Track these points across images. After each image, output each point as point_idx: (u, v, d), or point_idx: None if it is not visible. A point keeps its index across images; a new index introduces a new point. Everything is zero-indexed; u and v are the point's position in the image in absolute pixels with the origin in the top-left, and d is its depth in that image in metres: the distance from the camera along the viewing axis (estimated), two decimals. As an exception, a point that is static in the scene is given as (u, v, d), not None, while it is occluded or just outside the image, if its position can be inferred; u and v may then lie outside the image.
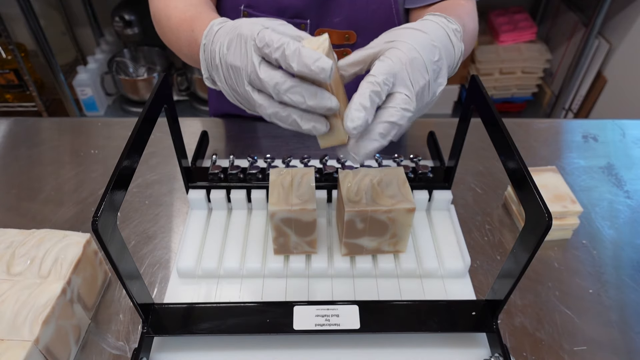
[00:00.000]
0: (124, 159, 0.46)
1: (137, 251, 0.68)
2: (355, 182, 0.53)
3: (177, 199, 0.77)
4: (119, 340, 0.58)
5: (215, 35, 0.49)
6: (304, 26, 0.72)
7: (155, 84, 0.54)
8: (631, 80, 1.72)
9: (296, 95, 0.41)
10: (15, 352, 0.48)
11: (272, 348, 0.56)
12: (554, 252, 0.69)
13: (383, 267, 0.63)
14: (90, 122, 0.94)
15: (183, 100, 2.13)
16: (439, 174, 0.70)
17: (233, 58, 0.45)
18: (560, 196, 0.70)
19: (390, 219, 0.57)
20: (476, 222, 0.73)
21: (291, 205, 0.57)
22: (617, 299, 0.63)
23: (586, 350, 0.57)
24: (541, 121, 0.94)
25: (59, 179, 0.80)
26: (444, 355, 0.56)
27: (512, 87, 2.07)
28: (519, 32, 1.98)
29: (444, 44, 0.48)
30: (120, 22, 1.92)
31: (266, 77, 0.42)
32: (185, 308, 0.56)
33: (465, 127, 0.62)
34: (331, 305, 0.56)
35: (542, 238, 0.42)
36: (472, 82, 0.57)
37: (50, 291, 0.53)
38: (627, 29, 1.72)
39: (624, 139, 0.90)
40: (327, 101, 0.42)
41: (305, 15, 0.71)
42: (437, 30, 0.49)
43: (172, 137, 0.63)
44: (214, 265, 0.63)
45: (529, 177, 0.44)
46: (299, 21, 0.72)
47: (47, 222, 0.73)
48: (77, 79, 2.00)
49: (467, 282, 0.64)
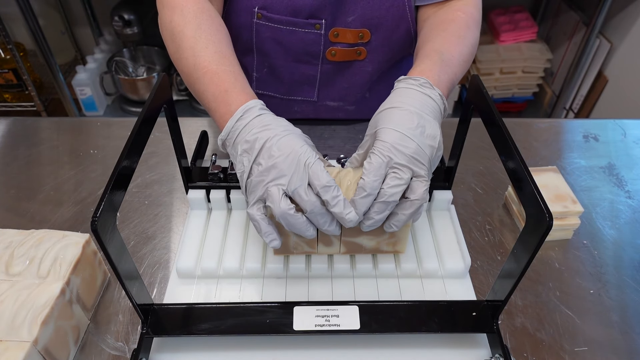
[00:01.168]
0: (124, 158, 0.45)
1: (136, 251, 0.68)
2: (354, 180, 0.53)
3: (177, 199, 0.77)
4: (118, 341, 0.58)
5: (252, 124, 0.53)
6: (319, 26, 0.73)
7: (155, 84, 0.54)
8: (632, 79, 1.71)
9: (319, 217, 0.51)
10: (13, 352, 0.48)
11: (272, 349, 0.56)
12: (554, 253, 0.69)
13: (383, 268, 0.62)
14: (90, 122, 0.94)
15: (183, 100, 2.12)
16: (439, 174, 0.70)
17: (282, 162, 0.50)
18: (561, 196, 0.70)
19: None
20: (476, 222, 0.73)
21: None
22: (618, 300, 0.63)
23: (587, 351, 0.57)
24: (542, 121, 0.94)
25: (58, 179, 0.80)
26: (444, 355, 0.56)
27: (513, 87, 2.06)
28: (520, 31, 1.97)
29: (421, 107, 0.53)
30: (120, 21, 1.91)
31: (308, 199, 0.49)
32: (185, 308, 0.56)
33: (466, 127, 0.62)
34: (331, 305, 0.56)
35: (543, 238, 0.41)
36: (472, 82, 0.57)
37: (49, 291, 0.53)
38: (628, 28, 1.72)
39: (625, 139, 0.90)
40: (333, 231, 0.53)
41: (319, 15, 0.72)
42: (412, 99, 0.54)
43: (172, 137, 0.63)
44: (214, 265, 0.63)
45: (529, 177, 0.44)
46: (313, 21, 0.72)
47: (46, 222, 0.72)
48: (76, 79, 2.00)
49: (468, 282, 0.64)
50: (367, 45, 0.76)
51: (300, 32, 0.74)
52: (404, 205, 0.51)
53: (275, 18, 0.72)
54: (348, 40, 0.75)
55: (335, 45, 0.76)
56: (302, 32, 0.74)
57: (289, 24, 0.73)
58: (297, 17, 0.72)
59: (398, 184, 0.49)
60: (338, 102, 0.85)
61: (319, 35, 0.74)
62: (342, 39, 0.75)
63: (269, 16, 0.72)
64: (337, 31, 0.74)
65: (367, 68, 0.80)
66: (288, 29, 0.73)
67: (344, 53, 0.77)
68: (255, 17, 0.72)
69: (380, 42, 0.76)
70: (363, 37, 0.75)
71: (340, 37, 0.75)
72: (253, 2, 0.72)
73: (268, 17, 0.72)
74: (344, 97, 0.85)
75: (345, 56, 0.77)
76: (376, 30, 0.74)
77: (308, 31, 0.73)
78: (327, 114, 0.88)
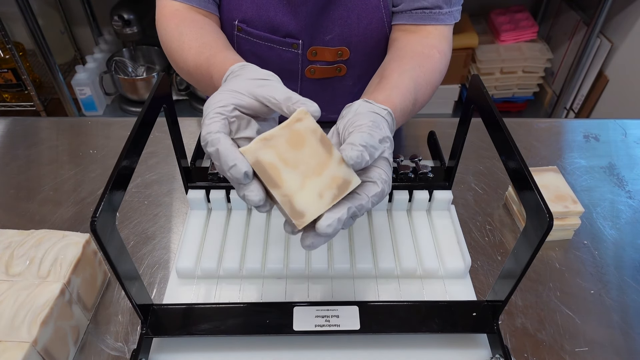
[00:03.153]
0: (123, 158, 0.45)
1: (136, 251, 0.68)
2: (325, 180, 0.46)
3: (177, 199, 0.76)
4: (118, 341, 0.58)
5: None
6: (296, 46, 0.72)
7: (155, 84, 0.54)
8: (633, 79, 1.71)
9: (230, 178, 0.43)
10: (13, 353, 0.48)
11: (272, 349, 0.56)
12: (555, 253, 0.69)
13: (383, 268, 0.62)
14: (89, 121, 0.93)
15: (182, 100, 2.12)
16: (440, 174, 0.70)
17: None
18: (561, 196, 0.70)
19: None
20: (477, 223, 0.73)
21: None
22: (619, 300, 0.63)
23: (587, 351, 0.57)
24: (542, 121, 0.94)
25: (57, 179, 0.80)
26: (444, 356, 0.56)
27: (513, 87, 2.06)
28: (520, 31, 1.97)
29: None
30: (119, 21, 1.91)
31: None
32: (185, 309, 0.56)
33: (466, 127, 0.62)
34: (331, 306, 0.56)
35: (544, 238, 0.41)
36: (472, 82, 0.57)
37: (49, 292, 0.53)
38: (629, 28, 1.72)
39: (626, 139, 0.90)
40: (247, 193, 0.42)
41: (297, 35, 0.71)
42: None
43: (171, 136, 0.63)
44: (214, 265, 0.63)
45: (530, 177, 0.44)
46: (291, 40, 0.72)
47: (46, 222, 0.72)
48: (76, 79, 2.00)
49: (468, 282, 0.64)
50: (346, 62, 0.75)
51: (278, 49, 0.73)
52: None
53: (254, 33, 0.72)
54: (327, 58, 0.74)
55: (314, 64, 0.75)
56: (280, 50, 0.73)
57: (267, 40, 0.72)
58: (274, 34, 0.71)
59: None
60: (321, 112, 0.84)
61: (297, 55, 0.73)
62: (320, 57, 0.74)
63: (248, 30, 0.72)
64: (316, 50, 0.73)
65: (347, 82, 0.80)
66: (267, 45, 0.73)
67: (323, 71, 0.76)
68: (236, 29, 0.72)
69: (359, 58, 0.75)
70: (342, 55, 0.74)
71: (319, 56, 0.74)
72: (234, 14, 0.71)
73: (247, 32, 0.72)
74: (327, 108, 0.84)
75: (324, 73, 0.77)
76: (355, 48, 0.73)
77: (286, 49, 0.73)
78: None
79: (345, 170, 0.43)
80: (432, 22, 0.67)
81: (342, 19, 0.70)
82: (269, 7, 0.69)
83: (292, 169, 0.42)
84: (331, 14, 0.69)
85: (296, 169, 0.42)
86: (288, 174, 0.42)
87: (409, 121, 0.93)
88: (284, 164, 0.42)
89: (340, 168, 0.43)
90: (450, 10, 0.67)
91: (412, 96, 0.58)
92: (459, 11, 0.68)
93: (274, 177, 0.41)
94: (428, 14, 0.66)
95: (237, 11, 0.70)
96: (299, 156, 0.42)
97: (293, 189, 0.42)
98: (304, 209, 0.42)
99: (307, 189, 0.42)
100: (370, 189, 0.45)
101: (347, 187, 0.43)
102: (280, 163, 0.42)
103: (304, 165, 0.42)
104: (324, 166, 0.43)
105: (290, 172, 0.42)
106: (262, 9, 0.69)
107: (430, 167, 0.69)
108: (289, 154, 0.42)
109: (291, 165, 0.42)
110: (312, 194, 0.42)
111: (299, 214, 0.42)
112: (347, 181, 0.43)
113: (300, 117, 0.42)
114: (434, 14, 0.66)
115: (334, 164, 0.43)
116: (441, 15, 0.66)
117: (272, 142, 0.41)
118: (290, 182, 0.42)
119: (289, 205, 0.42)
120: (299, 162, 0.42)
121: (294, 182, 0.42)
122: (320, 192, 0.42)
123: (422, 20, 0.67)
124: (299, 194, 0.42)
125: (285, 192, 0.42)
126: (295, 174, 0.42)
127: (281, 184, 0.42)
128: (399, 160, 0.72)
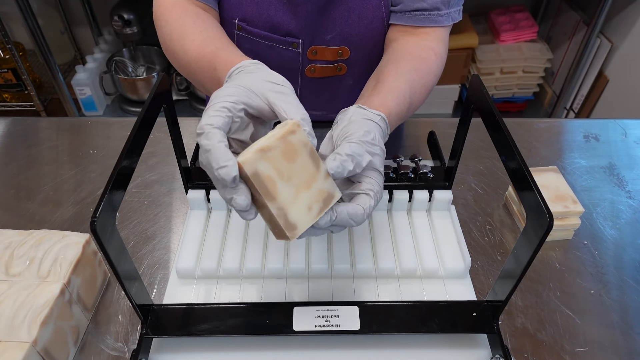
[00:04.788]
0: (123, 158, 0.45)
1: (136, 252, 0.68)
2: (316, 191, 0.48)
3: (177, 199, 0.76)
4: (118, 342, 0.58)
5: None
6: (297, 45, 0.72)
7: (155, 84, 0.54)
8: (633, 79, 1.71)
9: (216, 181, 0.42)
10: (13, 353, 0.48)
11: (272, 349, 0.56)
12: (555, 253, 0.69)
13: (383, 268, 0.62)
14: (89, 121, 0.93)
15: (182, 100, 2.12)
16: (440, 174, 0.70)
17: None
18: (561, 196, 0.70)
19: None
20: (477, 223, 0.73)
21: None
22: (619, 300, 0.63)
23: (587, 352, 0.57)
24: (542, 121, 0.94)
25: (57, 179, 0.80)
26: (444, 356, 0.56)
27: (513, 87, 2.06)
28: (520, 31, 1.97)
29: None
30: (119, 21, 1.91)
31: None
32: (185, 309, 0.56)
33: (466, 127, 0.62)
34: (331, 306, 0.56)
35: (544, 238, 0.41)
36: (472, 82, 0.57)
37: (49, 292, 0.53)
38: (629, 28, 1.72)
39: (626, 139, 0.90)
40: (235, 196, 0.42)
41: (297, 34, 0.71)
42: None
43: (171, 136, 0.63)
44: (214, 265, 0.62)
45: (530, 177, 0.44)
46: (291, 39, 0.72)
47: (46, 222, 0.72)
48: (76, 79, 2.00)
49: (468, 282, 0.64)
50: (346, 61, 0.75)
51: (278, 48, 0.73)
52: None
53: (254, 32, 0.71)
54: (327, 57, 0.74)
55: (314, 63, 0.75)
56: (280, 49, 0.73)
57: (267, 39, 0.72)
58: (275, 33, 0.71)
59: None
60: (322, 111, 0.84)
61: (297, 54, 0.73)
62: (320, 57, 0.74)
63: (248, 29, 0.71)
64: (316, 49, 0.73)
65: (348, 82, 0.80)
66: (267, 44, 0.73)
67: (323, 70, 0.76)
68: (236, 28, 0.72)
69: (360, 57, 0.75)
70: (342, 54, 0.74)
71: (319, 55, 0.74)
72: (234, 13, 0.71)
73: (247, 30, 0.72)
74: (327, 107, 0.84)
75: (325, 73, 0.77)
76: (355, 47, 0.73)
77: (286, 48, 0.73)
78: (312, 120, 0.87)
79: (330, 183, 0.45)
80: (430, 24, 0.67)
81: (343, 18, 0.70)
82: (269, 6, 0.69)
83: (286, 182, 0.43)
84: (332, 13, 0.69)
85: (290, 182, 0.43)
86: (283, 186, 0.43)
87: (409, 121, 0.93)
88: (280, 177, 0.42)
89: (325, 182, 0.45)
90: (448, 11, 0.67)
91: (407, 100, 0.58)
92: (458, 11, 0.68)
93: (271, 190, 0.42)
94: (427, 16, 0.66)
95: (237, 10, 0.70)
96: (292, 169, 0.43)
97: (287, 202, 0.43)
98: (295, 222, 0.43)
99: (299, 202, 0.43)
100: (364, 200, 0.47)
101: (330, 200, 0.45)
102: (276, 176, 0.42)
103: (296, 178, 0.43)
104: (313, 179, 0.44)
105: (284, 184, 0.43)
106: (262, 8, 0.69)
107: (430, 167, 0.69)
108: (284, 166, 0.43)
109: (285, 178, 0.43)
110: (303, 207, 0.44)
111: (292, 226, 0.43)
112: (331, 195, 0.45)
113: (294, 130, 0.43)
114: (432, 16, 0.66)
115: (321, 178, 0.45)
116: (439, 17, 0.66)
117: (269, 154, 0.42)
118: (284, 195, 0.43)
119: (283, 218, 0.43)
120: (292, 175, 0.43)
121: (288, 195, 0.43)
122: (309, 205, 0.44)
123: (420, 22, 0.67)
124: (292, 207, 0.43)
125: (281, 205, 0.43)
126: (289, 187, 0.43)
127: (277, 196, 0.42)
128: (399, 160, 0.72)
